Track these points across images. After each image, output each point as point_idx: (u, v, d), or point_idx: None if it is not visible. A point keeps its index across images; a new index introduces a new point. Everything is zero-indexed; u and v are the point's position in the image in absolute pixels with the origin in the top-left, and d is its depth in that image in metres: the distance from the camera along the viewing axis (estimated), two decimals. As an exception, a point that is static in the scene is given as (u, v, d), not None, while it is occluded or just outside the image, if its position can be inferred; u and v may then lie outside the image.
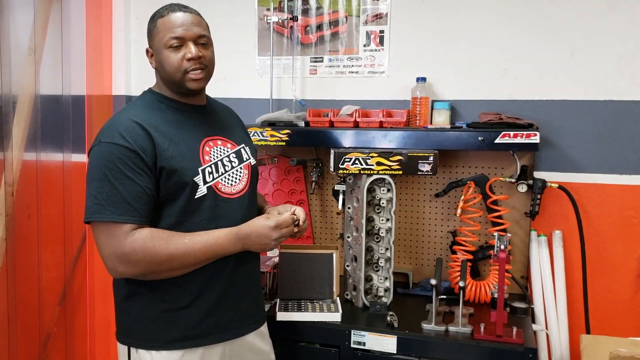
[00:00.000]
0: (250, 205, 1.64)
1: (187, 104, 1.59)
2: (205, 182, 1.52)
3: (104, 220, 1.42)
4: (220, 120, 1.69)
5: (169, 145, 1.49)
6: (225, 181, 1.57)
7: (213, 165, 1.55)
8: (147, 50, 1.57)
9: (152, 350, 1.52)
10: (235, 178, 1.61)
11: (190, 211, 1.51)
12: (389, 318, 1.90)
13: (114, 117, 1.54)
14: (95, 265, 2.67)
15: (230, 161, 1.61)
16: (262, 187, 2.51)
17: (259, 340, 1.70)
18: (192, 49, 1.49)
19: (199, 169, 1.52)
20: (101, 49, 2.68)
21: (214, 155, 1.57)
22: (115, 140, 1.44)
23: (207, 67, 1.54)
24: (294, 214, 1.59)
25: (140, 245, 1.42)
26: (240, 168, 1.63)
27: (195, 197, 1.51)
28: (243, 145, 1.69)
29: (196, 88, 1.55)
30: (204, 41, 1.53)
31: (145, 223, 1.46)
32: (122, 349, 1.56)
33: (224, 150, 1.61)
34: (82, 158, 2.53)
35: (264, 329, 1.75)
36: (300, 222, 1.60)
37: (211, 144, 1.59)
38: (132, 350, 1.54)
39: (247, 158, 1.68)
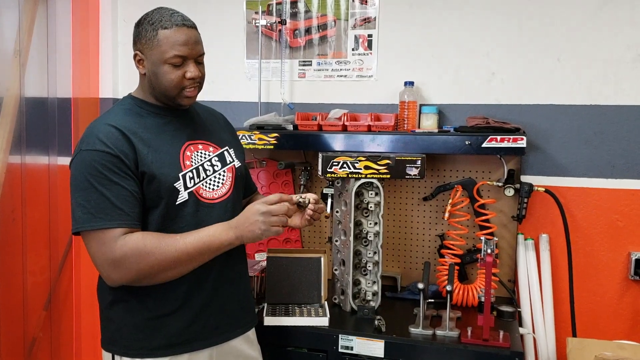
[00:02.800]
0: (234, 209, 1.60)
1: (167, 109, 1.57)
2: (186, 188, 1.50)
3: (95, 228, 1.39)
4: (202, 123, 1.66)
5: (149, 151, 1.47)
6: (206, 186, 1.55)
7: (194, 170, 1.53)
8: (135, 55, 1.52)
9: (136, 358, 1.50)
10: (218, 182, 1.58)
11: (172, 217, 1.48)
12: (376, 322, 1.90)
13: (92, 124, 1.50)
14: (81, 270, 2.64)
15: (212, 165, 1.58)
16: (250, 191, 2.50)
17: (247, 346, 1.68)
18: (194, 70, 1.49)
19: (180, 175, 1.49)
20: (88, 51, 2.66)
21: (195, 159, 1.55)
22: (96, 147, 1.41)
23: (200, 83, 1.55)
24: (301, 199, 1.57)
25: (131, 247, 1.38)
26: (223, 171, 1.60)
27: (176, 203, 1.48)
28: (227, 147, 1.66)
29: (188, 104, 1.55)
30: (202, 59, 1.54)
31: (136, 227, 1.43)
32: (106, 356, 1.54)
33: (205, 154, 1.58)
34: (68, 161, 2.48)
35: (252, 334, 1.73)
36: (310, 203, 1.57)
37: (192, 148, 1.56)
38: (117, 358, 1.52)
39: (231, 161, 1.65)
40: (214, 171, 1.58)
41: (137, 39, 1.51)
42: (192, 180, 1.52)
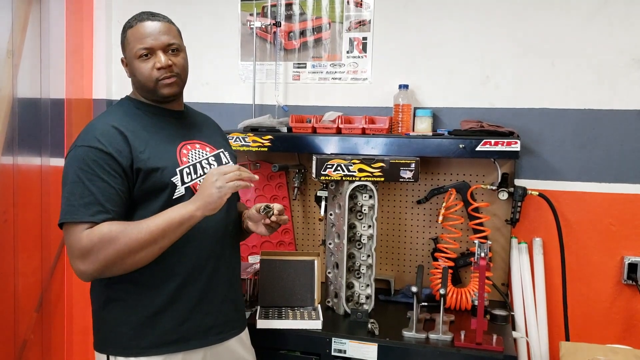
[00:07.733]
0: (228, 208, 1.61)
1: (164, 109, 1.60)
2: (183, 183, 1.51)
3: (72, 221, 1.40)
4: (198, 125, 1.70)
5: (146, 147, 1.49)
6: None
7: (191, 167, 1.55)
8: (122, 60, 1.59)
9: (131, 357, 1.50)
10: None
11: None
12: (370, 325, 1.89)
13: (91, 122, 1.54)
14: (73, 271, 2.62)
15: (210, 164, 1.61)
16: (243, 193, 2.49)
17: (240, 348, 1.68)
18: (161, 59, 1.50)
19: (177, 170, 1.51)
20: (82, 52, 2.65)
21: (192, 157, 1.57)
22: (90, 143, 1.44)
23: (178, 74, 1.55)
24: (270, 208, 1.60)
25: (97, 235, 1.38)
26: None
27: (174, 197, 1.50)
28: (222, 150, 1.69)
29: (170, 94, 1.55)
30: (174, 48, 1.54)
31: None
32: (100, 358, 1.54)
33: (202, 153, 1.61)
34: (61, 162, 2.49)
35: (245, 336, 1.73)
36: (275, 212, 1.59)
37: (189, 146, 1.59)
38: (111, 358, 1.51)
39: (227, 162, 1.68)
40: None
41: (121, 46, 1.57)
42: (190, 176, 1.54)
